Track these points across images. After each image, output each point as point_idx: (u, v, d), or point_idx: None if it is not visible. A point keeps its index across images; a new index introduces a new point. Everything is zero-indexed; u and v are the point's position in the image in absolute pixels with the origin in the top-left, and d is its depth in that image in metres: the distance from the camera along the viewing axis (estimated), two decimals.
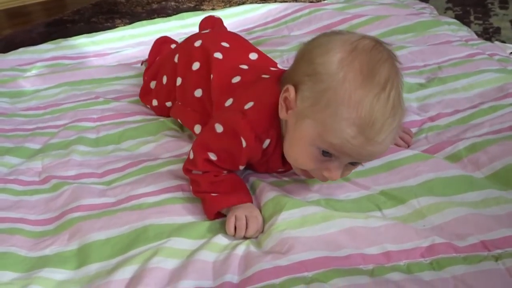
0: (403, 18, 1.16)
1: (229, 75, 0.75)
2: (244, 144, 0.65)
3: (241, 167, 0.70)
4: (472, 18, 1.29)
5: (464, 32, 1.10)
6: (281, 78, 0.68)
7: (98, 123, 0.90)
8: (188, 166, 0.69)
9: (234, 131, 0.65)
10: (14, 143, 0.87)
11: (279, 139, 0.67)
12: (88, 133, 0.88)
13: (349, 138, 0.57)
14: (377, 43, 0.59)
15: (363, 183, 0.70)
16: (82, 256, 0.63)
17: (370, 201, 0.67)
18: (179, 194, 0.71)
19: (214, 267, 0.59)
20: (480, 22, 1.26)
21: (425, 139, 0.78)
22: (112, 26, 1.36)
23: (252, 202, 0.67)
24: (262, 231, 0.64)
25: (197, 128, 0.79)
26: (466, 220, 0.61)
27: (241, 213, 0.64)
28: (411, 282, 0.55)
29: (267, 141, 0.67)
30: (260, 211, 0.66)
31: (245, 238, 0.63)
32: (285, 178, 0.73)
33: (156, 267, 0.58)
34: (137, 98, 0.96)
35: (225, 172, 0.69)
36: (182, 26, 1.23)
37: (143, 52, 1.12)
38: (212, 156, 0.67)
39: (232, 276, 0.57)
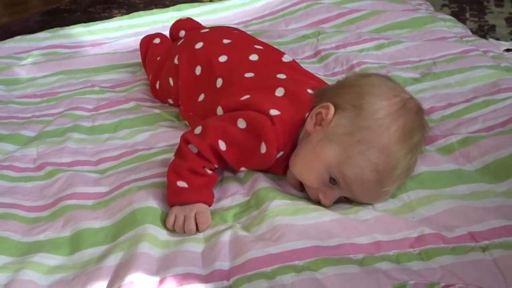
0: (400, 13, 1.16)
1: (240, 71, 0.74)
2: (263, 150, 0.64)
3: (243, 169, 0.69)
4: (467, 15, 1.30)
5: (459, 29, 1.11)
6: (315, 90, 0.69)
7: (94, 113, 0.90)
8: (190, 138, 0.65)
9: (258, 133, 0.64)
10: (9, 130, 0.87)
11: (290, 153, 0.68)
12: (84, 121, 0.88)
13: (365, 180, 0.61)
14: (420, 109, 0.65)
15: None
16: (75, 243, 0.63)
17: None
18: None
19: (203, 255, 0.60)
20: (476, 19, 1.27)
21: None
22: (109, 16, 1.36)
23: (210, 206, 0.65)
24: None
25: None
26: (455, 212, 0.62)
27: (189, 212, 0.62)
28: (399, 272, 0.55)
29: (280, 153, 0.67)
30: (251, 197, 0.66)
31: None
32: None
33: (145, 253, 0.59)
34: (133, 85, 0.96)
35: (211, 172, 0.66)
36: (179, 18, 1.23)
37: (139, 42, 1.12)
38: (222, 146, 0.64)
39: (222, 263, 0.58)
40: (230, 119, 0.66)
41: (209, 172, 0.66)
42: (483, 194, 0.65)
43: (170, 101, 0.89)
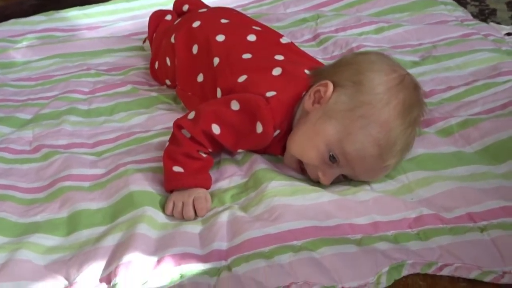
0: None
1: (238, 52, 0.74)
2: (259, 129, 0.64)
3: (240, 151, 0.69)
4: None
5: (460, 12, 1.10)
6: (312, 70, 0.69)
7: (90, 96, 0.89)
8: (183, 123, 0.65)
9: (252, 114, 0.64)
10: (4, 113, 0.86)
11: (287, 132, 0.67)
12: (80, 104, 0.87)
13: (367, 155, 0.60)
14: (417, 86, 0.65)
15: None
16: (72, 224, 0.63)
17: None
18: None
19: (201, 236, 0.60)
20: (477, 3, 1.26)
21: None
22: (105, 0, 1.33)
23: (208, 189, 0.65)
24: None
25: None
26: (454, 193, 0.62)
27: (187, 198, 0.62)
28: (397, 251, 0.56)
29: (277, 132, 0.67)
30: (249, 179, 0.66)
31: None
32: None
33: (143, 234, 0.58)
34: (129, 69, 0.95)
35: (205, 155, 0.66)
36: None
37: (136, 25, 1.10)
38: (215, 130, 0.64)
39: (220, 243, 0.57)
40: (224, 102, 0.66)
41: (204, 155, 0.66)
42: (482, 175, 0.65)
43: (168, 82, 0.88)
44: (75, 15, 1.18)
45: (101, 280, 0.55)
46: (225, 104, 0.66)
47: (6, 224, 0.63)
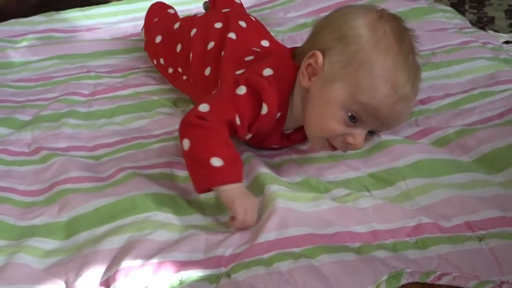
0: (400, 3, 1.15)
1: (242, 54, 0.74)
2: (265, 110, 0.63)
3: (247, 137, 0.67)
4: (467, 7, 1.30)
5: (459, 20, 1.11)
6: (293, 53, 0.68)
7: (90, 98, 0.89)
8: (204, 115, 0.61)
9: (258, 94, 0.63)
10: (3, 113, 0.86)
11: (285, 116, 0.67)
12: (80, 106, 0.87)
13: (383, 96, 0.59)
14: (397, 17, 0.64)
15: (353, 164, 0.71)
16: (71, 228, 0.63)
17: (359, 183, 0.68)
18: (167, 170, 0.71)
19: (207, 240, 0.59)
20: (475, 11, 1.27)
21: (414, 123, 0.79)
22: (106, 1, 1.33)
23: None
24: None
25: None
26: (452, 202, 0.62)
27: (246, 205, 0.58)
28: (396, 260, 0.56)
29: (278, 114, 0.66)
30: (252, 182, 0.66)
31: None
32: (276, 159, 0.73)
33: (146, 239, 0.58)
34: (130, 72, 0.95)
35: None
36: (177, 3, 1.21)
37: (137, 27, 1.10)
38: (238, 120, 0.62)
39: (225, 250, 0.57)
40: (228, 90, 0.64)
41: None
42: (481, 183, 0.65)
43: (162, 61, 0.88)
44: (76, 16, 1.18)
45: (100, 284, 0.55)
46: (230, 91, 0.64)
47: (4, 227, 0.62)
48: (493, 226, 0.59)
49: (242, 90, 0.64)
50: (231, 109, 0.63)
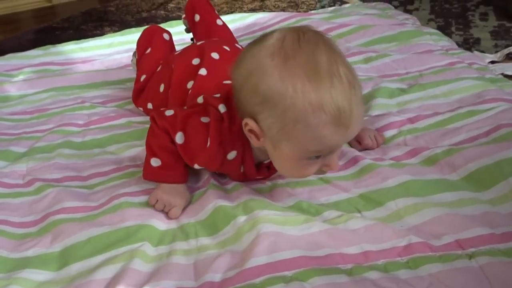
0: (387, 27, 1.19)
1: (209, 92, 0.73)
2: (208, 143, 0.66)
3: (196, 167, 0.70)
4: (453, 29, 1.33)
5: (445, 42, 1.13)
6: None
7: (85, 128, 0.91)
8: (158, 120, 0.70)
9: (205, 127, 0.66)
10: None
11: (246, 150, 0.68)
12: (74, 137, 0.88)
13: (331, 137, 0.57)
14: (299, 34, 0.58)
15: (344, 185, 0.72)
16: (64, 258, 0.63)
17: (350, 204, 0.68)
18: None
19: (195, 267, 0.60)
20: (461, 33, 1.30)
21: (403, 142, 0.80)
22: (101, 34, 1.37)
23: (185, 183, 0.71)
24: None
25: None
26: (442, 220, 0.63)
27: (166, 198, 0.69)
28: (388, 281, 0.56)
29: (233, 153, 0.67)
30: (238, 205, 0.67)
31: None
32: (268, 183, 0.74)
33: (136, 269, 0.59)
34: (124, 102, 0.97)
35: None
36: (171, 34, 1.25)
37: (131, 58, 1.13)
38: (179, 139, 0.67)
39: (214, 275, 0.58)
40: (198, 112, 0.69)
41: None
42: (470, 201, 0.65)
43: (150, 105, 0.89)
44: (71, 49, 1.21)
45: None
46: (198, 117, 0.68)
47: None
48: (483, 244, 0.59)
49: (205, 119, 0.67)
50: (178, 125, 0.68)
